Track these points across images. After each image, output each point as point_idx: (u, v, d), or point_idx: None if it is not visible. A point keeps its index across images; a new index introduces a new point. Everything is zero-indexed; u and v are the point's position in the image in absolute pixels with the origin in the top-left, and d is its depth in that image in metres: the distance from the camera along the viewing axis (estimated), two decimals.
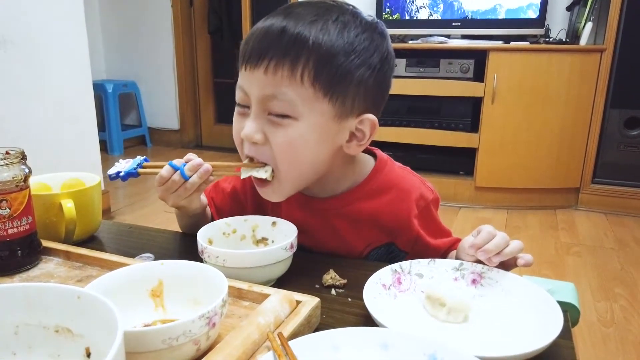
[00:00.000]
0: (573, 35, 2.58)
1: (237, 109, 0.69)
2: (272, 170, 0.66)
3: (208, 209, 0.82)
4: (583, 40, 2.48)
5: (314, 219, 0.75)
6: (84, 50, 2.20)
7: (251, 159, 0.67)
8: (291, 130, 0.63)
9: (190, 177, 0.66)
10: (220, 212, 0.82)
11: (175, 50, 3.87)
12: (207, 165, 0.67)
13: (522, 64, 2.49)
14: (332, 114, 0.63)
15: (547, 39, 2.61)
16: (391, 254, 0.76)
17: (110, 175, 0.69)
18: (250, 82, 0.64)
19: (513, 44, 2.54)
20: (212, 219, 0.81)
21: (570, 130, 2.55)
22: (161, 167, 0.68)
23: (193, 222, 0.78)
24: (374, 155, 0.78)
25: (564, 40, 2.63)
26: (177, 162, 0.67)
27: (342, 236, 0.75)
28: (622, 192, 2.57)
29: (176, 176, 0.66)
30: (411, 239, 0.74)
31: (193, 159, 0.67)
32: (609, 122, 2.52)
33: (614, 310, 1.66)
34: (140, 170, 0.69)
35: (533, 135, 2.57)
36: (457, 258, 0.67)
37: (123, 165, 0.70)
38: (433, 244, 0.76)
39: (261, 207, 0.79)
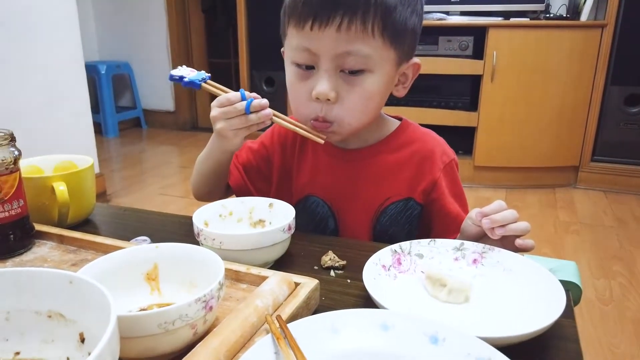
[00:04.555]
0: (574, 10, 2.54)
1: (297, 71, 0.69)
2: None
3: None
4: (584, 16, 2.44)
5: (339, 167, 0.78)
6: (75, 31, 2.16)
7: (316, 119, 0.69)
8: (367, 83, 0.66)
9: (251, 113, 0.66)
10: (246, 168, 0.84)
11: (169, 29, 3.80)
12: (270, 111, 0.67)
13: (522, 41, 2.46)
14: (396, 61, 0.68)
15: (548, 15, 2.57)
16: (408, 210, 0.77)
17: (172, 76, 0.68)
18: (319, 41, 0.64)
19: (513, 20, 2.51)
20: (241, 178, 0.83)
21: (570, 108, 2.53)
22: (224, 91, 0.69)
23: (215, 169, 0.78)
24: (399, 120, 0.82)
25: (564, 16, 2.59)
26: (247, 94, 0.67)
27: (364, 187, 0.77)
28: (621, 170, 2.57)
29: (240, 105, 0.66)
30: (429, 185, 0.76)
31: (260, 99, 0.67)
32: (609, 99, 2.50)
33: (612, 288, 1.67)
34: (203, 85, 0.69)
35: (532, 113, 2.54)
36: (461, 229, 0.68)
37: (187, 72, 0.69)
38: (450, 206, 0.76)
39: (287, 158, 0.82)
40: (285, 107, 3.15)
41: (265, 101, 0.67)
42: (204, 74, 0.69)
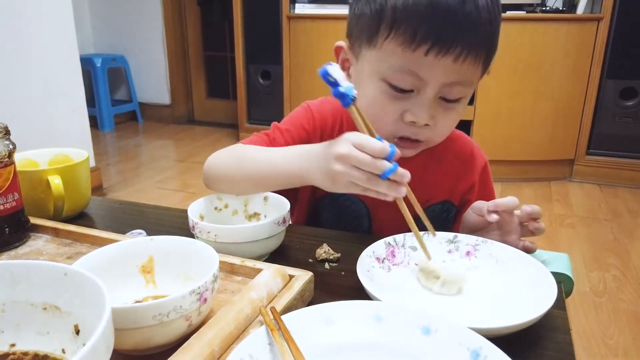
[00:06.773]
0: (570, 3, 2.54)
1: (388, 90, 0.61)
2: None
3: None
4: (580, 9, 2.44)
5: None
6: (70, 24, 2.14)
7: (403, 138, 0.64)
8: (461, 107, 0.64)
9: (388, 178, 0.51)
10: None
11: (165, 22, 3.78)
12: (405, 191, 0.52)
13: (518, 34, 2.45)
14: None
15: (544, 8, 2.57)
16: (444, 212, 0.77)
17: (325, 73, 0.50)
18: (432, 69, 0.58)
19: (509, 13, 2.50)
20: None
21: (565, 102, 2.53)
22: (366, 125, 0.53)
23: (275, 187, 0.66)
24: None
25: (560, 9, 2.58)
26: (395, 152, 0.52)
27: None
28: (616, 163, 2.58)
29: (382, 165, 0.50)
30: (467, 188, 0.77)
31: (398, 170, 0.51)
32: (604, 92, 2.51)
33: (606, 280, 1.68)
34: (351, 106, 0.52)
35: (528, 106, 2.55)
36: (462, 219, 0.70)
37: (341, 76, 0.51)
38: None
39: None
40: (283, 102, 3.13)
41: (408, 175, 0.52)
42: (352, 89, 0.51)
